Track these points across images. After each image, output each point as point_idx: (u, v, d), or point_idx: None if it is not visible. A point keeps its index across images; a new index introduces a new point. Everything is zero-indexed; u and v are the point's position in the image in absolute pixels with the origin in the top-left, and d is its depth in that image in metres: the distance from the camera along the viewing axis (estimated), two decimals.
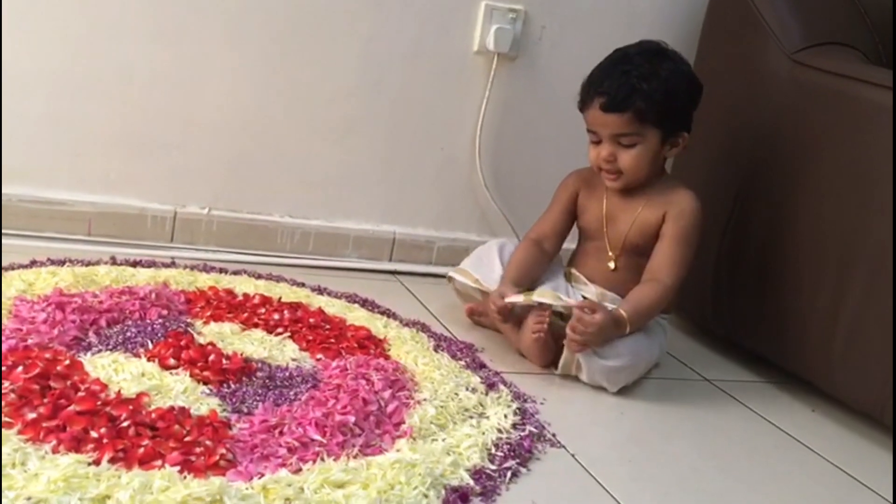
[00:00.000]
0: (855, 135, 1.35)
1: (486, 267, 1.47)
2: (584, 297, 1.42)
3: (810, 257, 1.42)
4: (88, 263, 1.43)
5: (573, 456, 1.11)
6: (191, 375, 1.08)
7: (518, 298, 1.34)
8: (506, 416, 1.15)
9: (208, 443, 0.92)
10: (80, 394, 0.96)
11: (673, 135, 1.38)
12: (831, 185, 1.39)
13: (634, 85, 1.32)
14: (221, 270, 1.54)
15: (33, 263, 1.38)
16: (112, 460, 0.86)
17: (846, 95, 1.37)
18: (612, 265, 1.45)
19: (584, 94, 1.39)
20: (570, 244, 1.56)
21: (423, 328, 1.45)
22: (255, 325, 1.30)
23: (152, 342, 1.15)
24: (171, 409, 0.98)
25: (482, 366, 1.33)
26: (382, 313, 1.48)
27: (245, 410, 1.03)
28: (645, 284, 1.37)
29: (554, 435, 1.15)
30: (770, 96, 1.52)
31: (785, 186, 1.47)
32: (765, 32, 1.54)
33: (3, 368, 0.98)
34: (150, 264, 1.49)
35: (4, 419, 0.89)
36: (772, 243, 1.49)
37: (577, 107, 1.41)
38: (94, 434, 0.89)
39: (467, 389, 1.20)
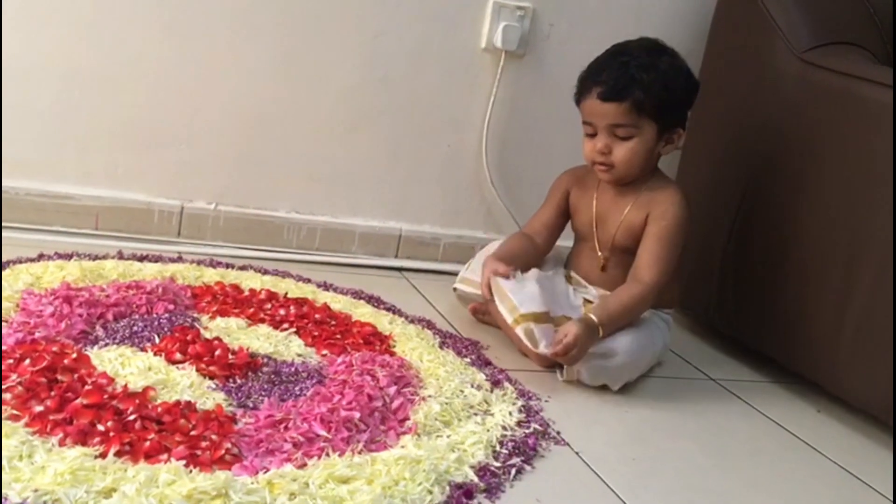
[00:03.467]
0: (863, 134, 1.35)
1: None
2: (586, 300, 1.43)
3: (817, 257, 1.41)
4: (96, 258, 1.43)
5: (577, 454, 1.11)
6: (197, 370, 1.08)
7: (509, 285, 1.32)
8: (510, 414, 1.15)
9: (214, 437, 0.92)
10: (87, 387, 0.96)
11: (668, 130, 1.38)
12: (839, 184, 1.39)
13: (633, 75, 1.32)
14: (228, 266, 1.54)
15: (41, 257, 1.39)
16: (118, 454, 0.86)
17: (854, 95, 1.37)
18: (601, 266, 1.45)
19: (580, 86, 1.39)
20: (567, 242, 1.56)
21: (429, 325, 1.45)
22: (261, 321, 1.30)
23: (159, 336, 1.15)
24: (178, 403, 0.98)
25: (487, 363, 1.33)
26: (388, 310, 1.48)
27: (251, 405, 1.03)
28: (624, 286, 1.37)
29: (558, 433, 1.15)
30: (778, 96, 1.51)
31: (792, 186, 1.47)
32: (773, 32, 1.53)
33: (11, 361, 0.98)
34: (157, 259, 1.49)
35: (12, 412, 0.89)
36: (778, 242, 1.49)
37: (574, 99, 1.40)
38: (100, 427, 0.89)
39: (472, 386, 1.20)
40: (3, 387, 0.93)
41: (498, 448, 1.05)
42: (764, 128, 1.54)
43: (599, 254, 1.45)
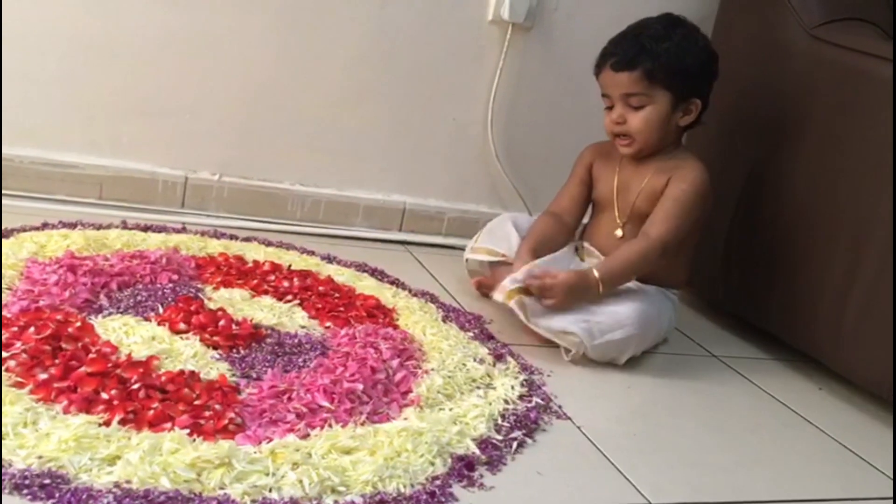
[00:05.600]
0: (872, 112, 1.34)
1: (501, 239, 1.46)
2: None
3: (823, 235, 1.41)
4: (100, 227, 1.43)
5: (579, 428, 1.11)
6: (201, 340, 1.08)
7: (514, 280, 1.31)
8: (513, 388, 1.15)
9: (217, 407, 0.93)
10: (91, 356, 0.97)
11: (684, 101, 1.38)
12: (847, 162, 1.38)
13: (644, 45, 1.34)
14: (232, 237, 1.54)
15: (45, 226, 1.38)
16: (122, 422, 0.86)
17: (864, 71, 1.36)
18: (619, 232, 1.45)
19: (598, 60, 1.41)
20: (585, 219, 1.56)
21: (432, 299, 1.45)
22: (265, 292, 1.30)
23: (163, 306, 1.16)
24: (181, 372, 0.98)
25: (490, 337, 1.33)
26: (392, 283, 1.48)
27: (254, 376, 1.04)
28: (629, 242, 1.38)
29: (560, 407, 1.15)
30: (787, 71, 1.50)
31: (799, 163, 1.46)
32: (784, 7, 1.52)
33: (15, 329, 0.98)
34: (161, 229, 1.49)
35: (17, 379, 0.90)
36: (784, 220, 1.48)
37: (594, 73, 1.42)
38: (104, 395, 0.90)
39: (475, 360, 1.20)
40: (8, 354, 0.93)
41: (500, 421, 1.06)
42: (772, 104, 1.53)
43: (618, 220, 1.45)
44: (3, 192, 1.48)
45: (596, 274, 1.31)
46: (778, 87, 1.52)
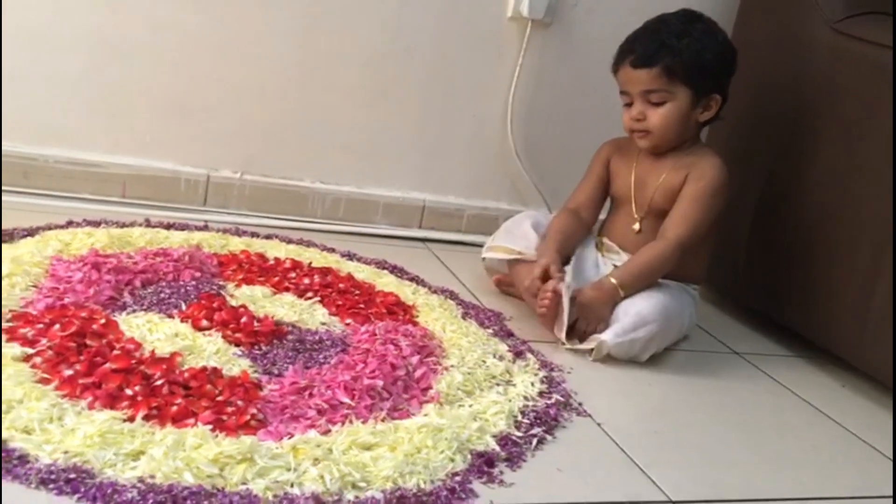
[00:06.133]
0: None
1: (519, 238, 1.46)
2: (616, 267, 1.42)
3: (846, 233, 1.39)
4: (123, 225, 1.45)
5: (599, 425, 1.11)
6: (223, 337, 1.09)
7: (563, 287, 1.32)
8: (532, 385, 1.15)
9: (240, 403, 0.94)
10: (116, 352, 0.98)
11: (704, 96, 1.37)
12: (870, 157, 1.36)
13: (664, 41, 1.34)
14: (253, 234, 1.56)
15: (70, 224, 1.40)
16: (146, 417, 0.88)
17: (888, 66, 1.34)
18: (636, 227, 1.45)
19: (617, 56, 1.40)
20: (602, 214, 1.56)
21: (452, 296, 1.45)
22: (286, 289, 1.31)
23: (185, 303, 1.17)
24: (204, 369, 0.99)
25: (510, 334, 1.33)
26: (411, 280, 1.49)
27: (276, 372, 1.05)
28: (648, 245, 1.38)
29: (580, 404, 1.15)
30: (810, 67, 1.49)
31: (822, 159, 1.45)
32: (806, 1, 1.50)
33: (41, 326, 1.00)
34: (184, 227, 1.51)
35: (42, 375, 0.91)
36: (806, 217, 1.47)
37: (612, 70, 1.41)
38: (128, 391, 0.91)
39: (495, 357, 1.20)
40: (34, 351, 0.94)
41: (520, 418, 1.06)
42: (795, 99, 1.52)
43: (636, 216, 1.45)
44: (28, 191, 1.50)
45: (613, 281, 1.32)
46: (800, 82, 1.51)
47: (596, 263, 1.44)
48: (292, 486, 0.83)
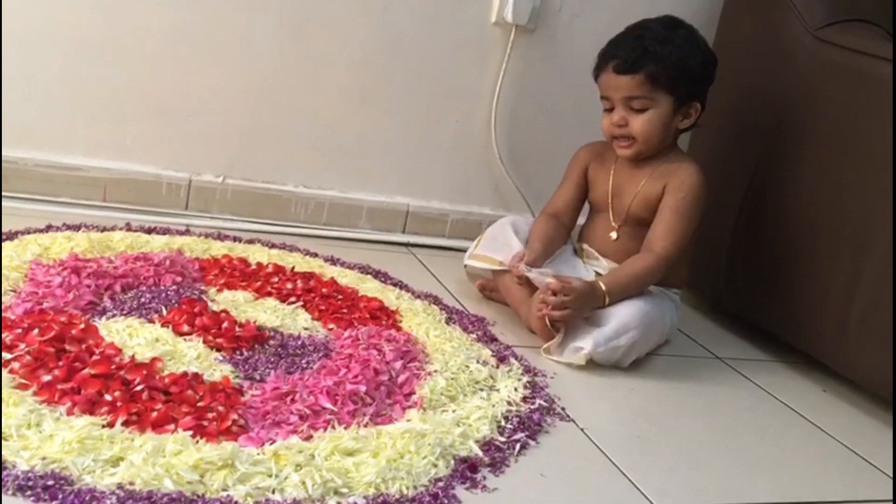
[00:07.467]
0: (877, 114, 1.34)
1: (503, 245, 1.45)
2: (597, 274, 1.42)
3: (827, 238, 1.41)
4: (104, 229, 1.44)
5: (582, 430, 1.11)
6: (204, 342, 1.08)
7: (538, 276, 1.32)
8: (516, 390, 1.15)
9: (221, 408, 0.93)
10: (95, 357, 0.97)
11: (685, 104, 1.38)
12: (851, 164, 1.37)
13: (647, 47, 1.34)
14: (235, 239, 1.55)
15: (49, 228, 1.39)
16: (126, 423, 0.87)
17: (869, 74, 1.36)
18: (613, 235, 1.45)
19: (598, 61, 1.41)
20: (581, 218, 1.56)
21: (436, 301, 1.45)
22: (269, 294, 1.30)
23: (166, 308, 1.16)
24: (185, 374, 0.98)
25: (493, 339, 1.33)
26: (395, 285, 1.48)
27: (257, 378, 1.04)
28: (635, 256, 1.38)
29: (563, 409, 1.15)
30: (791, 73, 1.50)
31: (803, 165, 1.46)
32: (787, 8, 1.51)
33: (19, 331, 0.99)
34: (165, 231, 1.50)
35: (20, 381, 0.90)
36: (788, 222, 1.48)
37: (593, 75, 1.41)
38: (108, 397, 0.90)
39: (478, 362, 1.20)
40: (12, 356, 0.93)
41: (503, 423, 1.06)
42: (776, 105, 1.53)
43: (613, 223, 1.45)
44: (7, 194, 1.48)
45: (603, 287, 1.32)
46: (781, 89, 1.52)
47: (576, 268, 1.44)
48: (274, 492, 0.82)
